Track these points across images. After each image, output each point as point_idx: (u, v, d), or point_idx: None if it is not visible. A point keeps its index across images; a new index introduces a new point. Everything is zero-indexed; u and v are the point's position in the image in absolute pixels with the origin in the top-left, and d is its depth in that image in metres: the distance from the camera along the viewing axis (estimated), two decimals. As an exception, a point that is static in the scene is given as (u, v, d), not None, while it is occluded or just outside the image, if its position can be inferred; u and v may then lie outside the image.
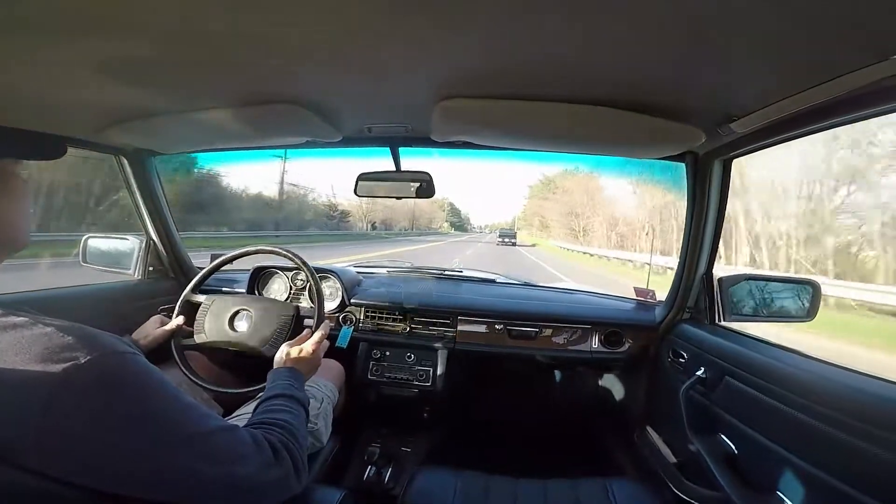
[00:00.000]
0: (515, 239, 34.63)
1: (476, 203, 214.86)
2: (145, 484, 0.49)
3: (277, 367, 0.92)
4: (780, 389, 0.88)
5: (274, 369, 0.91)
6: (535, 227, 56.77)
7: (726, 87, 0.82)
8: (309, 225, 32.19)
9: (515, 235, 36.69)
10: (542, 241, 40.98)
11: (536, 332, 1.56)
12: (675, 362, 1.32)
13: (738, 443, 1.00)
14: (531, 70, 0.79)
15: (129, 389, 0.49)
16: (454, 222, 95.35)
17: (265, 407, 0.76)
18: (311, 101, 1.01)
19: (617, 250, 23.18)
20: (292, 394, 0.81)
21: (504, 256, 18.83)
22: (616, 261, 19.13)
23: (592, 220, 32.67)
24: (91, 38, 0.68)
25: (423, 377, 1.54)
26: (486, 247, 26.75)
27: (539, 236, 49.43)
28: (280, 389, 0.82)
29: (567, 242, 34.50)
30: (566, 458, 1.73)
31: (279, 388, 0.82)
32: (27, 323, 0.48)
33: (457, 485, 1.05)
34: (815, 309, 1.19)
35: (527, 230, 59.39)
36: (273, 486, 0.61)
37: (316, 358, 0.99)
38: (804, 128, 0.88)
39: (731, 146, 1.10)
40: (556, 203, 39.12)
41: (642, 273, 13.12)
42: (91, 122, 1.13)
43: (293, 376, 0.88)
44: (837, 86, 0.71)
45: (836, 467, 0.74)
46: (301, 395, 0.83)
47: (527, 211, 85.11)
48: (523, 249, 27.87)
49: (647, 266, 11.40)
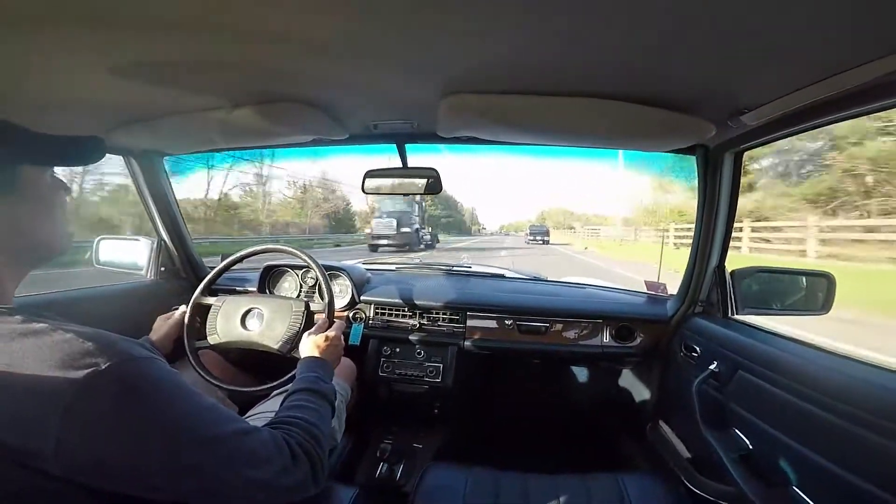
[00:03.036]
0: (548, 236, 30.20)
1: (481, 202, 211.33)
2: (166, 487, 0.50)
3: (306, 358, 0.93)
4: (795, 384, 0.87)
5: (303, 359, 0.93)
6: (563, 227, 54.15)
7: (736, 79, 0.81)
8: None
9: (548, 233, 31.70)
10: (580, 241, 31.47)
11: (547, 327, 1.56)
12: (687, 356, 1.30)
13: (751, 437, 0.99)
14: (538, 64, 0.79)
15: (149, 395, 0.50)
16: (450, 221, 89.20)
17: (291, 401, 0.78)
18: (317, 98, 1.01)
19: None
20: (318, 388, 0.82)
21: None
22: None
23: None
24: (99, 40, 0.68)
25: (434, 373, 1.54)
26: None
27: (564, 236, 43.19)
28: (307, 383, 0.83)
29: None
30: (577, 453, 1.73)
31: (307, 382, 0.83)
32: (47, 329, 0.48)
33: (468, 480, 1.06)
34: (829, 302, 1.17)
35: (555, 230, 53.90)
36: (290, 490, 0.62)
37: (340, 345, 1.03)
38: (815, 120, 0.87)
39: (742, 138, 1.09)
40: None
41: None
42: (99, 124, 1.14)
43: (321, 366, 0.90)
44: (847, 78, 0.70)
45: (853, 463, 0.73)
46: (328, 387, 0.85)
47: (550, 209, 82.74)
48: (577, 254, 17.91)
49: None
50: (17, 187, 0.56)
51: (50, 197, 0.62)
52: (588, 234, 36.29)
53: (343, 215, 35.40)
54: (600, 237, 30.94)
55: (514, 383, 2.05)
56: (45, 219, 0.61)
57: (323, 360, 0.92)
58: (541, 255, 16.28)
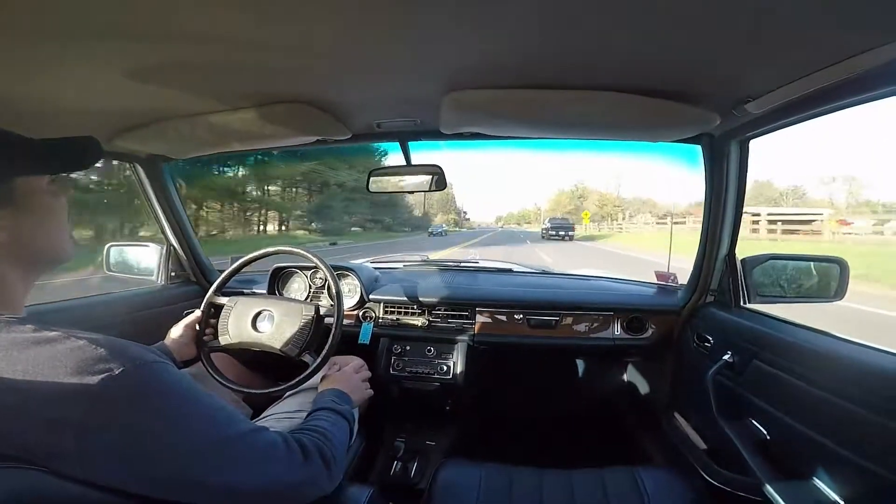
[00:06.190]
0: (573, 231, 26.01)
1: (471, 193, 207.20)
2: (181, 487, 0.51)
3: (321, 391, 0.97)
4: (811, 372, 0.86)
5: (319, 392, 0.97)
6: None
7: (741, 68, 0.80)
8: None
9: (573, 227, 27.38)
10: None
11: (557, 321, 1.55)
12: (700, 347, 1.29)
13: (769, 427, 0.98)
14: (540, 58, 0.78)
15: (163, 398, 0.50)
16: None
17: (306, 421, 0.81)
18: (320, 99, 1.01)
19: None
20: (333, 407, 0.86)
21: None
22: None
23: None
24: (101, 46, 0.68)
25: (444, 370, 1.54)
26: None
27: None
28: (324, 404, 0.87)
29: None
30: (591, 447, 1.72)
31: (321, 404, 0.87)
32: (60, 337, 0.49)
33: (481, 477, 1.05)
34: (843, 288, 1.16)
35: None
36: (303, 486, 0.63)
37: (364, 385, 1.13)
38: (820, 107, 0.86)
39: (748, 127, 1.08)
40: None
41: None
42: (102, 130, 1.14)
43: (337, 395, 0.93)
44: (853, 65, 0.69)
45: (871, 451, 0.72)
46: (343, 408, 0.88)
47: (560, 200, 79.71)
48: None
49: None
50: (14, 199, 0.55)
51: (50, 204, 0.61)
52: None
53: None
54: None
55: (525, 378, 2.04)
56: (47, 227, 0.60)
57: (340, 392, 0.95)
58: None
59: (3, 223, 0.54)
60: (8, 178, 0.55)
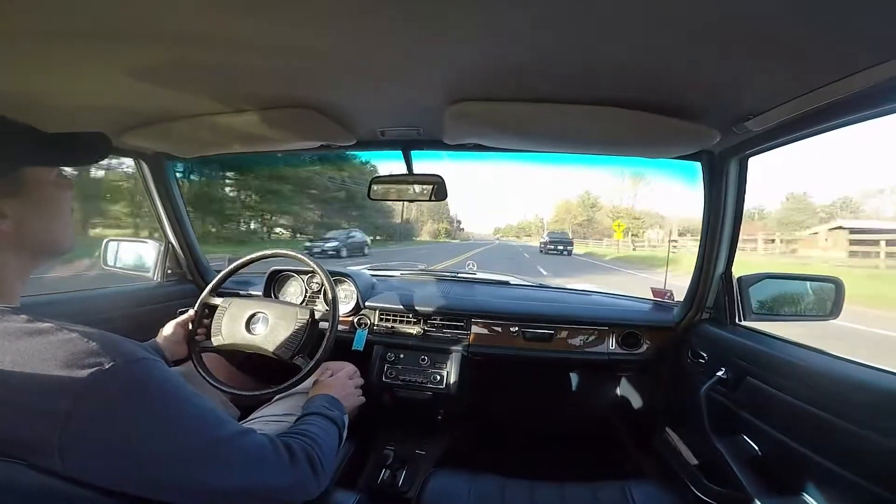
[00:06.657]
0: (572, 246, 25.89)
1: (470, 204, 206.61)
2: (166, 486, 0.50)
3: (312, 395, 0.96)
4: (804, 389, 0.86)
5: (310, 397, 0.96)
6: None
7: (740, 85, 0.80)
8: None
9: (572, 242, 27.19)
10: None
11: (552, 335, 1.55)
12: (694, 363, 1.29)
13: (760, 444, 0.97)
14: (543, 72, 0.79)
15: (151, 395, 0.50)
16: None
17: (296, 425, 0.81)
18: (326, 105, 1.02)
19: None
20: (324, 412, 0.85)
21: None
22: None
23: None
24: (111, 44, 0.69)
25: (438, 380, 1.53)
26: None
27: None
28: (314, 409, 0.86)
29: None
30: (583, 461, 1.70)
31: (312, 409, 0.87)
32: (52, 328, 0.49)
33: (471, 488, 1.04)
34: (838, 307, 1.16)
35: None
36: (290, 490, 0.63)
37: (357, 392, 1.12)
38: (821, 125, 0.87)
39: (747, 144, 1.08)
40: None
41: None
42: (109, 127, 1.15)
43: (328, 400, 0.92)
44: (853, 82, 0.69)
45: (863, 467, 0.72)
46: (334, 414, 0.87)
47: (568, 208, 76.76)
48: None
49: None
50: (22, 188, 0.56)
51: (56, 196, 0.61)
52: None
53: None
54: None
55: (519, 390, 2.03)
56: (51, 218, 0.61)
57: (332, 397, 0.95)
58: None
59: (10, 212, 0.55)
60: (18, 168, 0.56)
